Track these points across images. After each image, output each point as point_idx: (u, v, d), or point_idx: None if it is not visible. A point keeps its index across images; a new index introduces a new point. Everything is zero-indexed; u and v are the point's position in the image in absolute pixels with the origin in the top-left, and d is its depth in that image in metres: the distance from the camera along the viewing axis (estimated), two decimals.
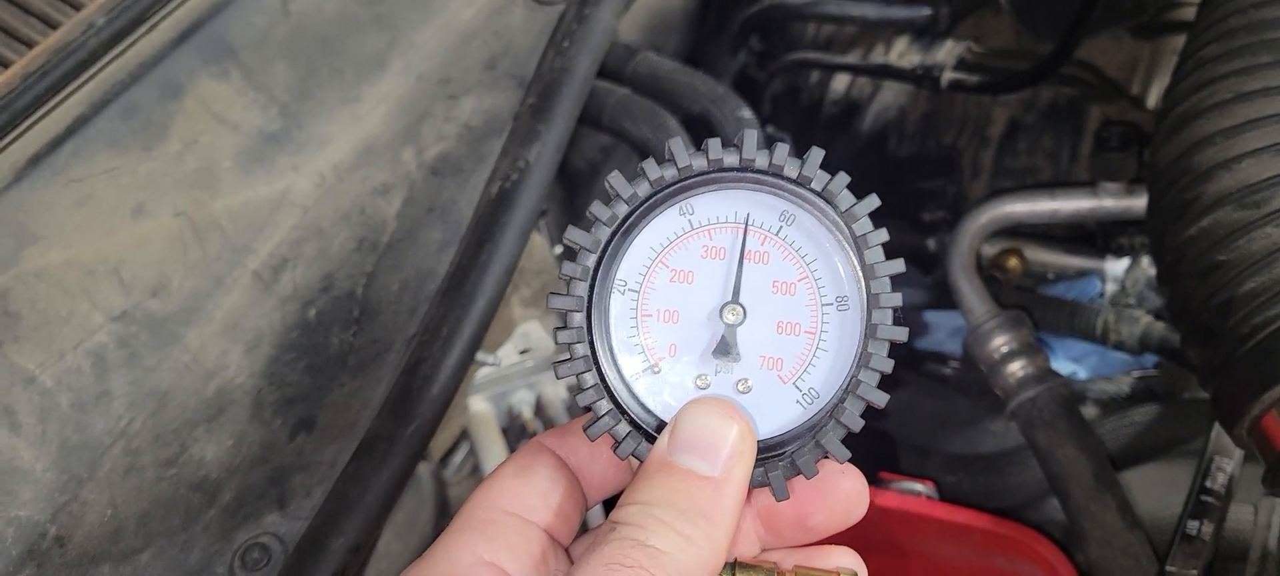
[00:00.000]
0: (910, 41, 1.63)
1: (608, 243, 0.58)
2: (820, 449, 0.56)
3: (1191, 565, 1.03)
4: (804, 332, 0.58)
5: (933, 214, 1.55)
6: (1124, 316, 1.35)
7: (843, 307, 0.58)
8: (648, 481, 0.55)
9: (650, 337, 0.58)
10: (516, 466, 0.59)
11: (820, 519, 0.59)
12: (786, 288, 0.58)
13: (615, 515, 0.54)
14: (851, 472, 0.59)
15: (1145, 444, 1.26)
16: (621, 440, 0.57)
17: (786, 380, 0.58)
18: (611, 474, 0.61)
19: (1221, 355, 0.87)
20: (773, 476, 0.56)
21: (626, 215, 0.58)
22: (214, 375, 0.94)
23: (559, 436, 0.61)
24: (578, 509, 0.60)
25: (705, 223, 0.59)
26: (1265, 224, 0.85)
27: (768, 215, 0.58)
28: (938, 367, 1.52)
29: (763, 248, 0.58)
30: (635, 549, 0.51)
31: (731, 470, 0.54)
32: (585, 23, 1.10)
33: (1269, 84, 0.92)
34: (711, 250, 0.58)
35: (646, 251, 0.59)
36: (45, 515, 0.85)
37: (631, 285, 0.58)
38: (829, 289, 0.58)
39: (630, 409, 0.58)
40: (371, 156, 1.06)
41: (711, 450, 0.55)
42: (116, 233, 0.97)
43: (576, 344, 0.57)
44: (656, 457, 0.56)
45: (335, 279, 0.99)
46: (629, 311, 0.58)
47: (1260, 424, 0.85)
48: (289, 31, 1.09)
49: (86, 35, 0.98)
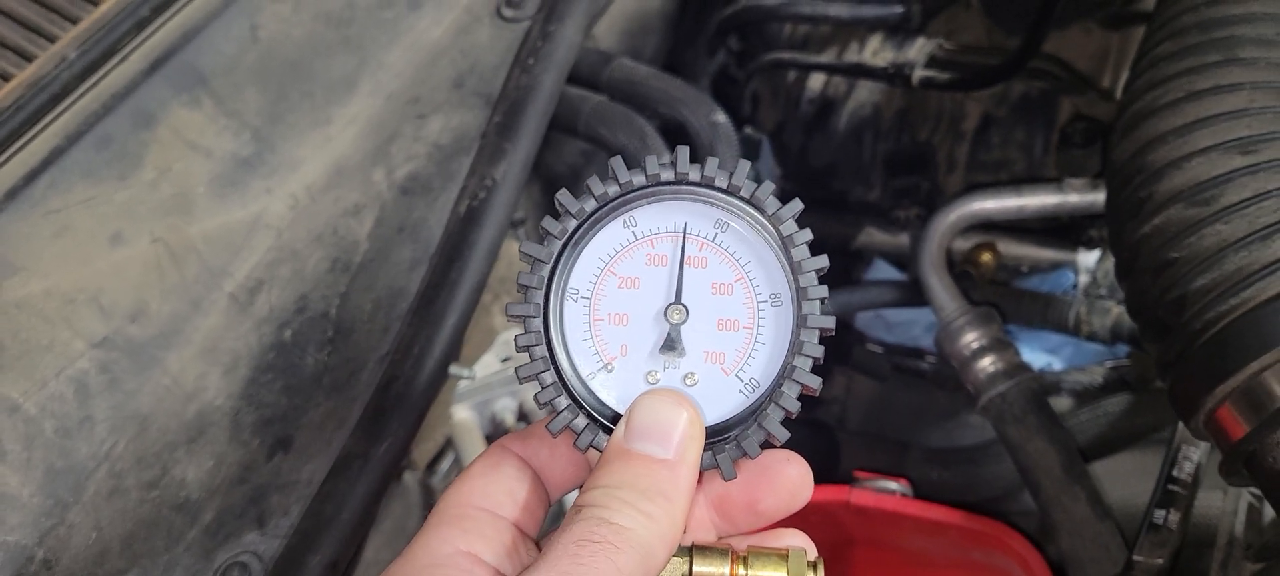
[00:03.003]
0: (884, 39, 1.64)
1: (559, 254, 0.62)
2: (762, 431, 0.60)
3: (1158, 554, 1.05)
4: (742, 328, 0.62)
5: (907, 211, 1.56)
6: (1096, 308, 1.37)
7: (777, 303, 0.62)
8: (608, 467, 0.59)
9: (603, 339, 0.63)
10: (484, 466, 0.63)
11: (769, 503, 0.63)
12: (724, 288, 0.63)
13: (580, 499, 0.58)
14: (796, 460, 0.64)
15: (1118, 433, 1.27)
16: (581, 432, 0.61)
17: (729, 372, 0.62)
18: (570, 471, 0.65)
19: (1176, 350, 0.88)
20: (720, 458, 0.61)
21: (575, 228, 0.63)
22: (193, 397, 0.96)
23: (521, 439, 0.65)
24: (542, 504, 0.64)
25: (647, 233, 0.63)
26: (1215, 221, 0.87)
27: (704, 223, 0.63)
28: (915, 362, 1.54)
29: (701, 253, 0.63)
30: (601, 526, 0.55)
31: (684, 452, 0.59)
32: (550, 40, 1.12)
33: (1219, 83, 0.93)
34: (654, 258, 0.63)
35: (595, 261, 0.63)
36: (32, 539, 0.87)
37: (583, 293, 0.63)
38: (763, 287, 0.63)
39: (588, 404, 0.62)
40: (343, 177, 1.08)
41: (664, 435, 0.59)
42: (94, 261, 0.99)
43: (535, 347, 0.62)
44: (615, 445, 0.60)
45: (310, 300, 1.01)
46: (582, 317, 0.63)
47: (1215, 415, 0.87)
48: (258, 57, 1.11)
49: (59, 69, 1.00)
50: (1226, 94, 0.93)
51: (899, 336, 1.61)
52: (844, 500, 1.21)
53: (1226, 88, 0.93)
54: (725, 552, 0.61)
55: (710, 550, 0.61)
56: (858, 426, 1.56)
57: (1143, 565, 1.04)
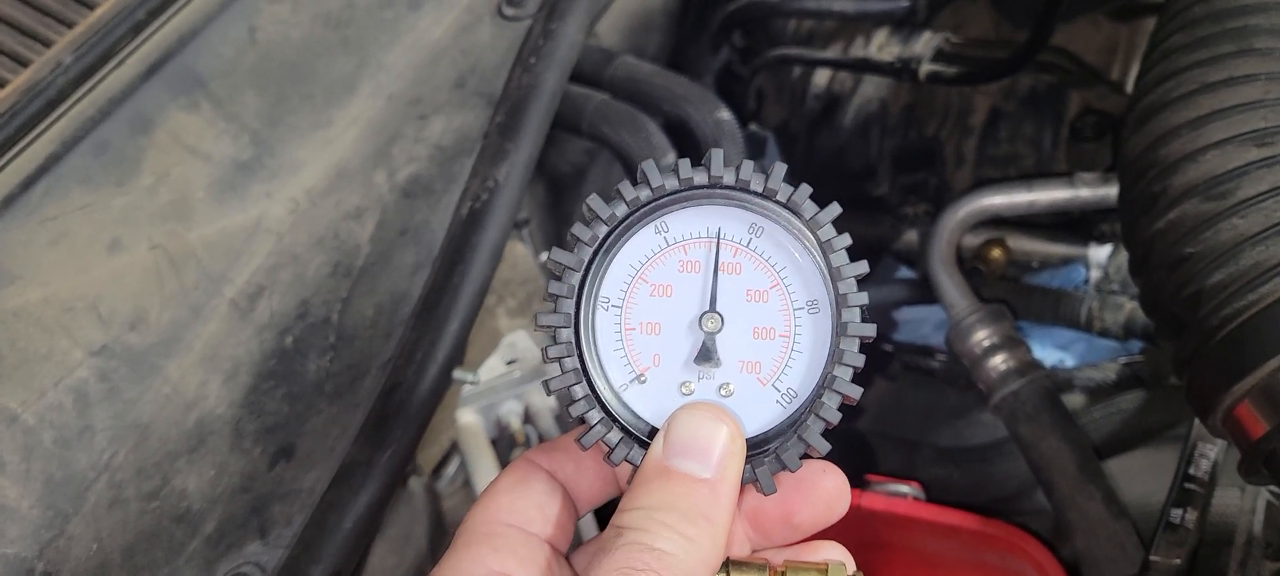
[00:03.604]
0: (890, 33, 1.63)
1: (589, 261, 0.61)
2: (802, 443, 0.59)
3: (1176, 553, 1.03)
4: (779, 336, 0.61)
5: (915, 207, 1.55)
6: (1108, 303, 1.35)
7: (814, 310, 0.61)
8: (647, 487, 0.57)
9: (635, 350, 0.61)
10: (511, 481, 0.62)
11: (805, 516, 0.62)
12: (759, 295, 0.61)
13: (619, 520, 0.56)
14: (832, 471, 0.62)
15: (1132, 430, 1.26)
16: (614, 447, 0.60)
17: (765, 382, 0.61)
18: (597, 486, 0.64)
19: (1192, 347, 0.87)
20: (759, 472, 0.59)
21: (606, 235, 0.61)
22: (194, 406, 0.95)
23: (547, 452, 0.63)
24: (571, 519, 0.63)
25: (680, 239, 0.62)
26: (1231, 215, 0.85)
27: (738, 228, 0.62)
28: (925, 361, 1.52)
29: (735, 259, 0.62)
30: (644, 553, 0.54)
31: (725, 470, 0.57)
32: (551, 38, 1.10)
33: (1233, 74, 0.91)
34: (687, 264, 0.62)
35: (626, 269, 0.62)
36: (32, 552, 0.86)
37: (614, 301, 0.62)
38: (800, 294, 0.61)
39: (621, 417, 0.61)
40: (344, 180, 1.06)
41: (705, 453, 0.57)
42: (93, 268, 0.98)
43: (566, 358, 0.60)
44: (653, 463, 0.58)
45: (311, 305, 1.00)
46: (613, 326, 0.62)
47: (1233, 413, 0.85)
48: (257, 59, 1.10)
49: (55, 74, 0.99)
50: (1241, 85, 0.91)
51: (909, 334, 1.59)
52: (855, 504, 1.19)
53: (1241, 79, 0.91)
54: (763, 567, 0.60)
55: (747, 565, 0.60)
56: (868, 426, 1.55)
57: (1160, 565, 1.03)
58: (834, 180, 1.68)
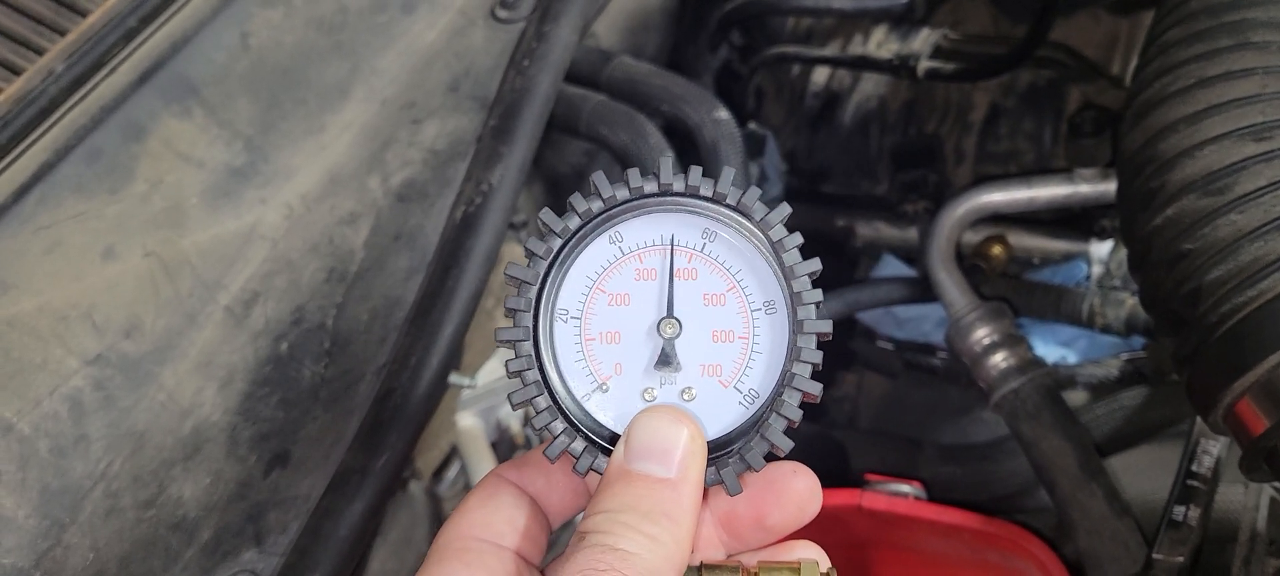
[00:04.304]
0: (888, 31, 1.62)
1: (545, 274, 0.61)
2: (765, 442, 0.59)
3: (1178, 551, 1.03)
4: (738, 338, 0.61)
5: (915, 205, 1.54)
6: (1110, 299, 1.34)
7: (771, 311, 0.61)
8: (609, 490, 0.57)
9: (596, 359, 0.62)
10: (480, 497, 0.62)
11: (777, 518, 0.62)
12: (717, 299, 0.62)
13: (583, 525, 0.56)
14: (803, 472, 0.62)
15: (1135, 427, 1.25)
16: (579, 456, 0.60)
17: (727, 384, 0.61)
18: (568, 498, 0.64)
19: (1192, 344, 0.86)
20: (724, 474, 0.59)
21: (560, 248, 0.61)
22: (189, 413, 0.94)
23: (516, 467, 0.63)
24: (543, 531, 0.63)
25: (634, 247, 0.62)
26: (1229, 210, 0.85)
27: (691, 234, 0.62)
28: (926, 359, 1.52)
29: (690, 264, 0.62)
30: (606, 553, 0.54)
31: (686, 470, 0.57)
32: (545, 41, 1.10)
33: (1230, 68, 0.91)
34: (643, 272, 0.62)
35: (583, 280, 0.62)
36: (29, 562, 0.85)
37: (573, 313, 0.62)
38: (756, 295, 0.61)
39: (585, 426, 0.61)
40: (338, 186, 1.06)
41: (665, 454, 0.57)
42: (87, 276, 0.98)
43: (527, 371, 0.60)
44: (615, 467, 0.58)
45: (306, 311, 0.99)
46: (573, 337, 0.62)
47: (1234, 410, 0.85)
48: (250, 65, 1.10)
49: (47, 83, 0.99)
50: (1238, 79, 0.90)
51: (909, 332, 1.59)
52: (855, 504, 1.19)
53: (1238, 73, 0.91)
54: (736, 569, 0.60)
55: (720, 568, 0.60)
56: (869, 424, 1.55)
57: (1163, 563, 1.02)
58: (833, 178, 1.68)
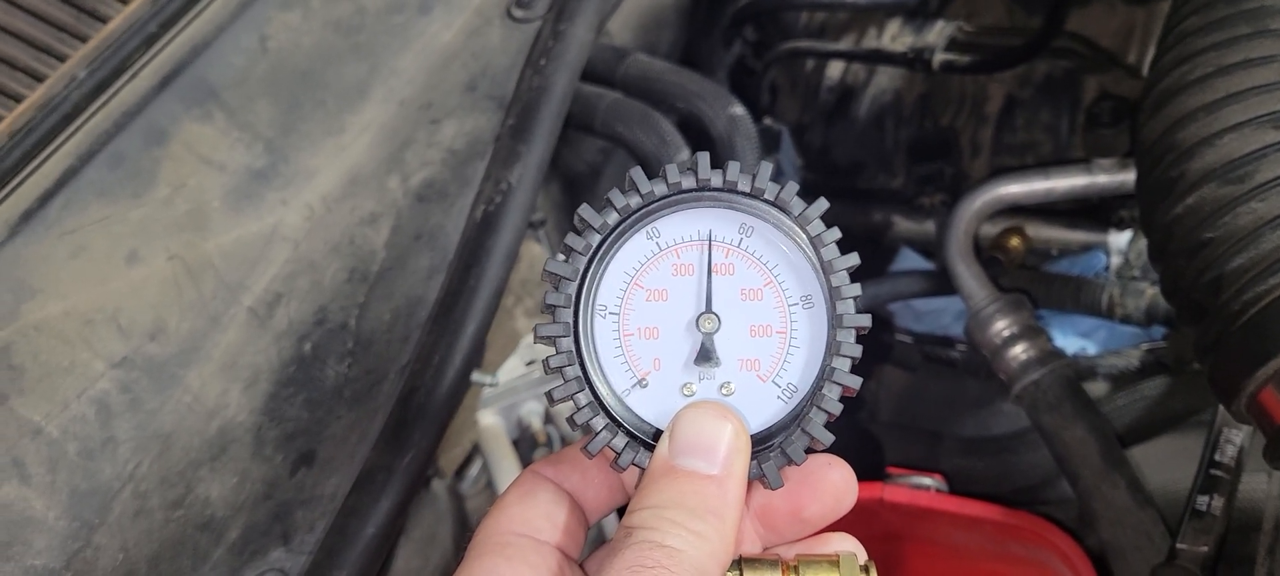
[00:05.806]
0: (902, 23, 1.62)
1: (584, 270, 0.61)
2: (805, 436, 0.60)
3: (1202, 541, 1.02)
4: (776, 333, 0.62)
5: (931, 198, 1.54)
6: (1129, 289, 1.34)
7: (808, 305, 0.61)
8: (655, 486, 0.58)
9: (635, 355, 0.62)
10: (518, 494, 0.62)
11: (813, 510, 0.62)
12: (754, 293, 0.62)
13: (628, 521, 0.56)
14: (838, 464, 0.62)
15: (1157, 417, 1.25)
16: (620, 452, 0.60)
17: (765, 378, 0.61)
18: (604, 494, 0.64)
19: (1214, 332, 0.86)
20: (765, 468, 0.60)
21: (599, 243, 0.61)
22: (215, 414, 0.95)
23: (552, 464, 0.64)
24: (581, 527, 0.63)
25: (672, 243, 0.62)
26: (1250, 199, 0.84)
27: (728, 229, 0.62)
28: (945, 351, 1.52)
29: (727, 259, 0.62)
30: (654, 550, 0.54)
31: (731, 466, 0.58)
32: (561, 39, 1.10)
33: (1249, 56, 0.90)
34: (681, 267, 0.62)
35: (621, 275, 0.62)
36: (60, 563, 0.86)
37: (612, 309, 0.62)
38: (793, 289, 0.62)
39: (625, 422, 0.61)
40: (358, 186, 1.07)
41: (710, 450, 0.58)
42: (112, 280, 0.99)
43: (567, 367, 0.61)
44: (660, 463, 0.58)
45: (328, 311, 1.00)
46: (612, 333, 0.62)
47: (1258, 398, 0.84)
48: (269, 68, 1.10)
49: (69, 89, 1.00)
50: (1257, 67, 0.90)
51: (929, 325, 1.59)
52: (878, 497, 1.19)
53: (1258, 60, 0.90)
54: (775, 563, 0.60)
55: (759, 562, 0.60)
56: (889, 418, 1.54)
57: (1187, 552, 1.02)
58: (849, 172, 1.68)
